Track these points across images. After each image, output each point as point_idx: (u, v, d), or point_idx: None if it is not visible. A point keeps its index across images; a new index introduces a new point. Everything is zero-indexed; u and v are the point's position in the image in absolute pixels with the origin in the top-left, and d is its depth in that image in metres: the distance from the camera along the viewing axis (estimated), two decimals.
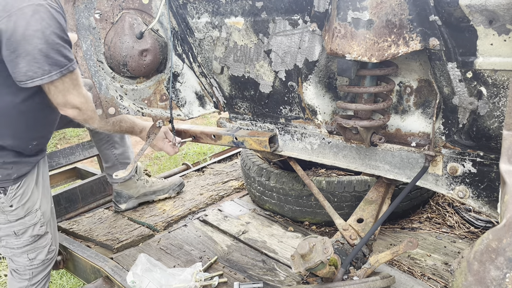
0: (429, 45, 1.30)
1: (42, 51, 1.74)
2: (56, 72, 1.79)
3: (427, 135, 1.57)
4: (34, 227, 2.16)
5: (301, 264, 1.48)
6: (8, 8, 1.70)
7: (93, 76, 2.02)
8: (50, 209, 2.26)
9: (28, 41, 1.71)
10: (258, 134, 2.05)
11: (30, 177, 2.12)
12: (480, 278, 0.94)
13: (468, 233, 2.40)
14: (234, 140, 2.13)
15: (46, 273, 2.31)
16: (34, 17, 1.71)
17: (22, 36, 1.70)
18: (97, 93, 2.05)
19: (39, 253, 2.23)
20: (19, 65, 1.75)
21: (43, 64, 1.75)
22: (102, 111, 2.08)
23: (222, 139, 2.20)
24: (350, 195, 2.39)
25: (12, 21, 1.69)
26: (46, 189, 2.24)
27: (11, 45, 1.72)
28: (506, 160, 0.98)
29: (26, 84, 1.79)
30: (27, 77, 1.76)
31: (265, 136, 2.01)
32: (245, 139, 2.09)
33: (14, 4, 1.70)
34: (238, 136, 2.11)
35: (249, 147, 2.07)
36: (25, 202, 2.09)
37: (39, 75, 1.76)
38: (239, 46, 1.77)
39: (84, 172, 3.54)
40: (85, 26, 1.93)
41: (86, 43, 1.96)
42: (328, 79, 1.70)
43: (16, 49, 1.72)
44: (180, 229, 2.66)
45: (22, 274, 2.24)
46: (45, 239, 2.23)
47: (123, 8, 1.87)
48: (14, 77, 1.80)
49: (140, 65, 1.88)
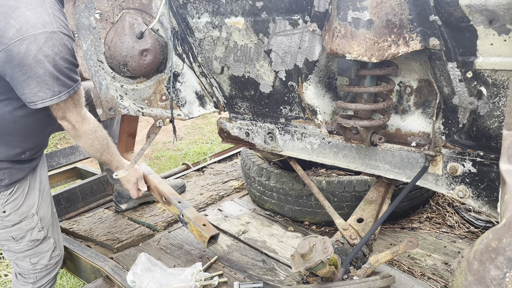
0: (429, 45, 1.30)
1: (52, 74, 1.81)
2: (64, 93, 1.87)
3: (427, 135, 1.57)
4: (32, 231, 2.15)
5: (301, 263, 1.48)
6: (22, 32, 1.75)
7: (93, 76, 2.02)
8: (50, 214, 2.25)
9: (40, 65, 1.77)
10: (204, 226, 2.11)
11: (24, 183, 2.10)
12: (480, 278, 0.94)
13: (468, 233, 2.40)
14: (180, 216, 2.24)
15: (51, 278, 2.31)
16: (47, 43, 1.77)
17: (34, 59, 1.76)
18: (97, 93, 2.05)
19: (42, 258, 2.22)
20: (30, 86, 1.81)
21: (53, 86, 1.83)
22: (103, 110, 2.08)
23: (170, 207, 2.30)
24: (350, 195, 2.39)
25: (24, 45, 1.75)
26: (45, 193, 2.22)
27: (22, 68, 1.77)
28: (506, 160, 0.98)
29: (36, 105, 1.85)
30: (38, 97, 1.83)
31: (209, 232, 2.08)
32: (189, 223, 2.16)
33: (28, 30, 1.75)
34: (185, 215, 2.18)
35: (190, 231, 2.17)
36: (19, 208, 2.08)
37: (49, 96, 1.83)
38: (239, 46, 1.77)
39: (84, 172, 3.54)
40: (85, 26, 1.93)
41: (86, 43, 1.96)
42: (328, 79, 1.70)
43: (27, 72, 1.78)
44: (180, 228, 2.66)
45: (27, 278, 2.24)
46: (46, 244, 2.23)
47: (123, 8, 1.87)
48: (24, 98, 1.85)
49: (140, 65, 1.88)
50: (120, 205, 2.91)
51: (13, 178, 2.04)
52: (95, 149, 2.13)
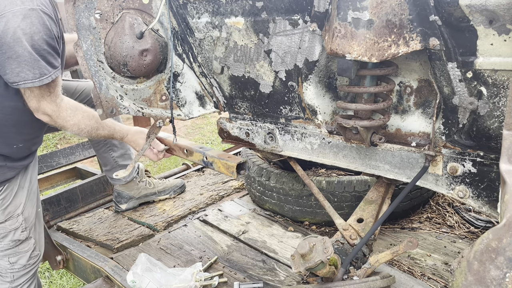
0: (429, 45, 1.30)
1: (32, 56, 1.77)
2: (47, 76, 1.83)
3: (427, 135, 1.57)
4: (15, 232, 2.14)
5: (301, 264, 1.48)
6: (0, 9, 1.72)
7: (93, 76, 2.02)
8: (35, 214, 2.23)
9: (18, 43, 1.74)
10: (228, 158, 2.04)
11: (14, 182, 2.09)
12: (480, 278, 0.94)
13: (468, 233, 2.40)
14: (204, 159, 2.17)
15: (29, 277, 2.28)
16: (25, 20, 1.74)
17: (12, 38, 1.73)
18: (97, 93, 2.05)
19: (20, 257, 2.21)
20: (11, 66, 1.77)
21: (33, 67, 1.79)
22: (103, 111, 2.08)
23: (193, 156, 2.22)
24: (350, 195, 2.39)
25: (2, 23, 1.72)
26: (32, 193, 2.21)
27: (1, 47, 1.74)
28: (506, 160, 0.98)
29: (19, 85, 1.82)
30: (20, 78, 1.80)
31: (235, 161, 2.01)
32: (214, 160, 2.10)
33: (6, 6, 1.72)
34: (208, 155, 2.12)
35: (217, 170, 2.08)
36: (6, 207, 2.07)
37: (30, 78, 1.80)
38: (239, 46, 1.77)
39: (84, 172, 3.54)
40: (85, 26, 1.93)
41: (86, 43, 1.96)
42: (328, 79, 1.70)
43: (7, 51, 1.75)
44: (180, 229, 2.66)
45: (4, 277, 2.22)
46: (27, 244, 2.21)
47: (123, 8, 1.87)
48: (6, 79, 1.82)
49: (140, 65, 1.88)
50: (120, 205, 2.91)
51: (4, 177, 2.03)
52: (86, 132, 2.11)
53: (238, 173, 2.03)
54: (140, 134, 2.31)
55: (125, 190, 2.89)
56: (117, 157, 2.84)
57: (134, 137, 2.28)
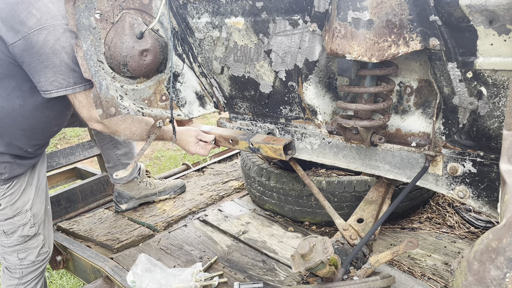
0: (429, 45, 1.30)
1: (69, 66, 1.87)
2: (80, 86, 1.92)
3: (427, 135, 1.57)
4: (24, 227, 2.16)
5: (301, 264, 1.48)
6: (42, 22, 1.82)
7: (93, 76, 2.02)
8: (44, 211, 2.26)
9: (57, 55, 1.84)
10: (274, 141, 2.02)
11: (23, 178, 2.12)
12: (480, 278, 0.94)
13: (468, 233, 2.40)
14: (251, 146, 2.10)
15: (38, 274, 2.30)
16: (65, 34, 1.85)
17: (51, 49, 1.82)
18: (98, 93, 2.05)
19: (29, 253, 2.23)
20: (46, 75, 1.85)
21: (68, 77, 1.88)
22: (103, 111, 2.08)
23: (239, 144, 2.19)
24: (350, 195, 2.39)
25: (43, 35, 1.81)
26: (41, 190, 2.23)
27: (40, 56, 1.82)
28: (506, 160, 0.98)
29: (51, 93, 1.89)
30: (53, 86, 1.88)
31: (281, 143, 1.96)
32: (260, 145, 2.09)
33: (48, 20, 1.82)
34: (253, 142, 2.10)
35: (265, 154, 2.05)
36: (14, 202, 2.10)
37: (64, 86, 1.89)
38: (239, 46, 1.77)
39: (84, 172, 3.54)
40: (85, 26, 1.93)
41: (86, 43, 1.96)
42: (328, 79, 1.70)
43: (44, 60, 1.83)
44: (180, 229, 2.66)
45: (13, 272, 2.25)
46: (36, 240, 2.23)
47: (123, 8, 1.87)
48: (39, 86, 1.89)
49: (141, 65, 1.88)
50: (120, 205, 2.91)
51: (13, 173, 2.06)
52: (138, 134, 2.13)
53: (286, 154, 1.97)
54: (188, 132, 2.24)
55: (125, 190, 2.89)
56: (121, 155, 2.86)
57: (182, 137, 2.23)
